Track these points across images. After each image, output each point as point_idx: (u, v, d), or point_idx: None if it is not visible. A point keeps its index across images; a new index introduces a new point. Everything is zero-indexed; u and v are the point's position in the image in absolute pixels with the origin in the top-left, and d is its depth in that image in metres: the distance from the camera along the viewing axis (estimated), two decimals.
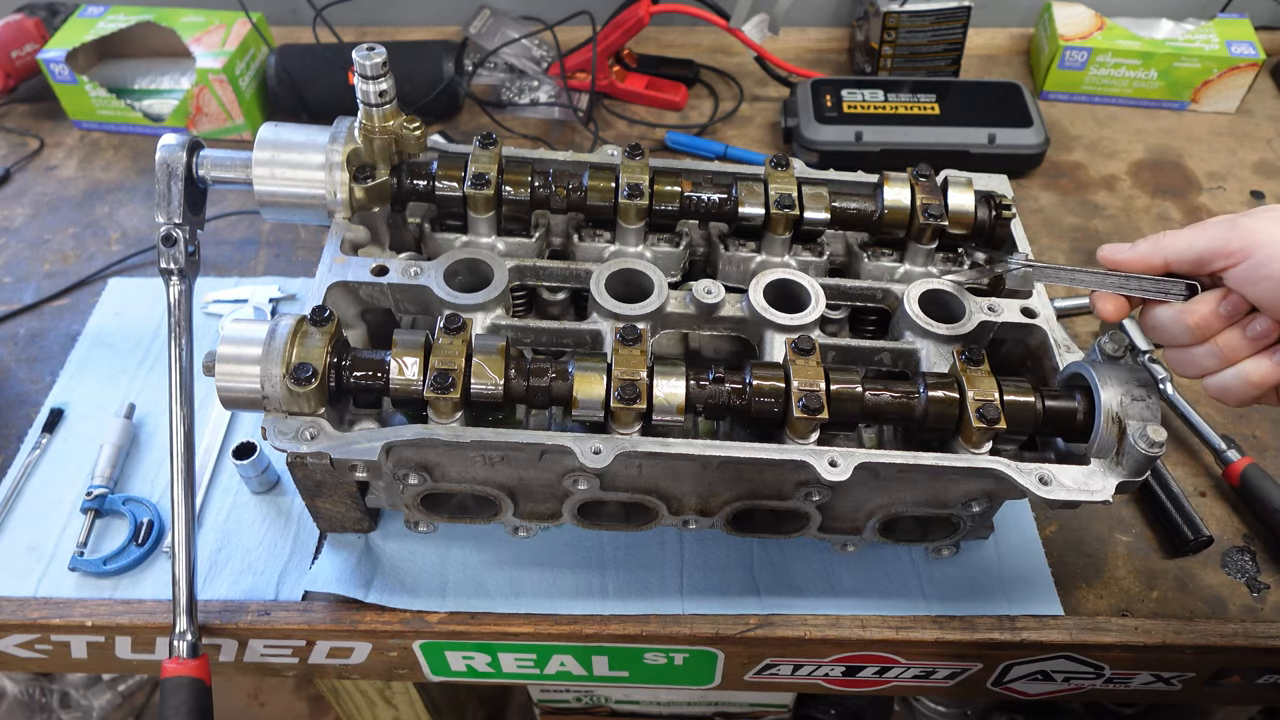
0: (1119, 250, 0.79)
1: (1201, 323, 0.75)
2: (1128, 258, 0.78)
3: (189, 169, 0.95)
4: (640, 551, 0.98)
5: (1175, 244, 0.76)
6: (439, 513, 0.92)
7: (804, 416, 0.80)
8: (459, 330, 0.83)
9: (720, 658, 0.99)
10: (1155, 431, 0.78)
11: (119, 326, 1.21)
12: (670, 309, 0.91)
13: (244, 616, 0.93)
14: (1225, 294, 0.75)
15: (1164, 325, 0.78)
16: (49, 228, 1.35)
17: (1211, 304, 0.75)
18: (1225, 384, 0.77)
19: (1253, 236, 0.71)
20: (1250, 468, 1.02)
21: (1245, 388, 0.75)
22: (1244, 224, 0.72)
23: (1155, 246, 0.77)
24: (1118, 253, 0.79)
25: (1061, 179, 1.43)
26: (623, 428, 0.82)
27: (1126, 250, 0.78)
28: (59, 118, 1.51)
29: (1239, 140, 1.49)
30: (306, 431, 0.80)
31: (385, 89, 0.91)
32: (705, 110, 1.54)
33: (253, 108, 1.46)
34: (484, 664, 1.01)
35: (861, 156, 1.38)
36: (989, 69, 1.63)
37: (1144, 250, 0.77)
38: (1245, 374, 0.75)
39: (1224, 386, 0.77)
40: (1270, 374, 0.74)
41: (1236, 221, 0.73)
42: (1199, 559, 1.00)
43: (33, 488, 1.04)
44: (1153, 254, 0.77)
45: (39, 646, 0.98)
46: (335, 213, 0.94)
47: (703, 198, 0.98)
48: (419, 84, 1.44)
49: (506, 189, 0.96)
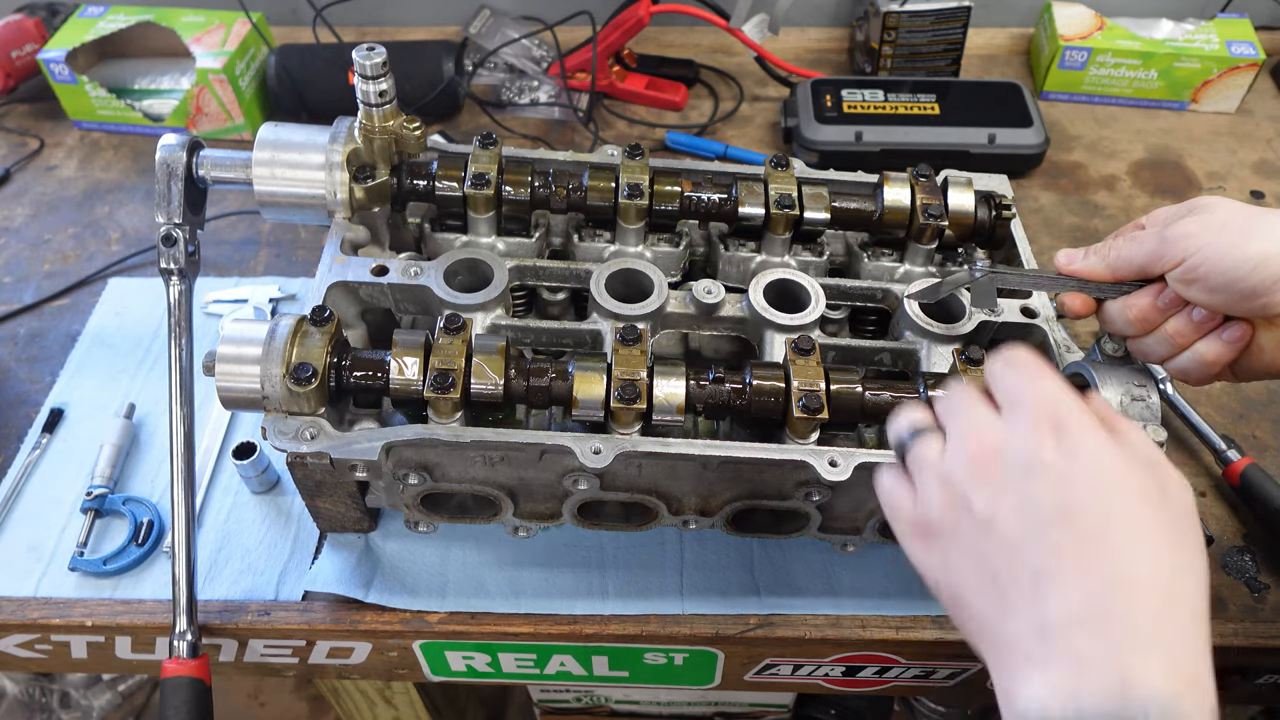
0: (1074, 259, 0.84)
1: (1141, 315, 0.80)
2: (1080, 267, 0.83)
3: (189, 169, 0.95)
4: (640, 551, 0.98)
5: (1118, 256, 0.81)
6: (439, 513, 0.92)
7: (804, 416, 0.80)
8: (459, 330, 0.83)
9: (720, 658, 0.99)
10: (1155, 431, 0.78)
11: (119, 326, 1.21)
12: (670, 309, 0.91)
13: (244, 616, 0.93)
14: (1160, 289, 0.79)
15: (1111, 319, 0.83)
16: (49, 228, 1.35)
17: (1148, 298, 0.80)
18: (1184, 366, 0.81)
19: (1181, 245, 0.76)
20: (1250, 468, 1.02)
21: (1203, 367, 0.80)
22: (1172, 234, 0.77)
23: (1101, 258, 0.82)
24: (1072, 261, 0.84)
25: (1061, 179, 1.43)
26: (623, 428, 0.82)
27: (1080, 259, 0.83)
28: (59, 118, 1.51)
29: (1239, 140, 1.49)
30: (306, 431, 0.80)
31: (385, 89, 0.91)
32: (705, 110, 1.55)
33: (253, 108, 1.46)
34: (484, 664, 1.01)
35: (861, 156, 1.38)
36: (989, 69, 1.63)
37: (1093, 261, 0.83)
38: (1199, 355, 0.80)
39: (1183, 369, 0.81)
40: (1223, 353, 0.79)
41: (1165, 234, 0.77)
42: None
43: (33, 488, 1.04)
44: (1099, 264, 0.82)
45: (39, 646, 0.98)
46: (335, 213, 0.94)
47: (703, 198, 0.98)
48: (419, 84, 1.44)
49: (506, 189, 0.96)
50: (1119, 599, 0.50)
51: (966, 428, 0.60)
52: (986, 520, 0.56)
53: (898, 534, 0.64)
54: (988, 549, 0.55)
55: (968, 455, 0.58)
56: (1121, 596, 0.50)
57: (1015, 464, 0.56)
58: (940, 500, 0.59)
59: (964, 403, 0.62)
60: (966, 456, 0.58)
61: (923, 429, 0.64)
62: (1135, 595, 0.51)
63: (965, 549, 0.57)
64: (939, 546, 0.59)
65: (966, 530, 0.57)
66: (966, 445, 0.59)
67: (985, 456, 0.58)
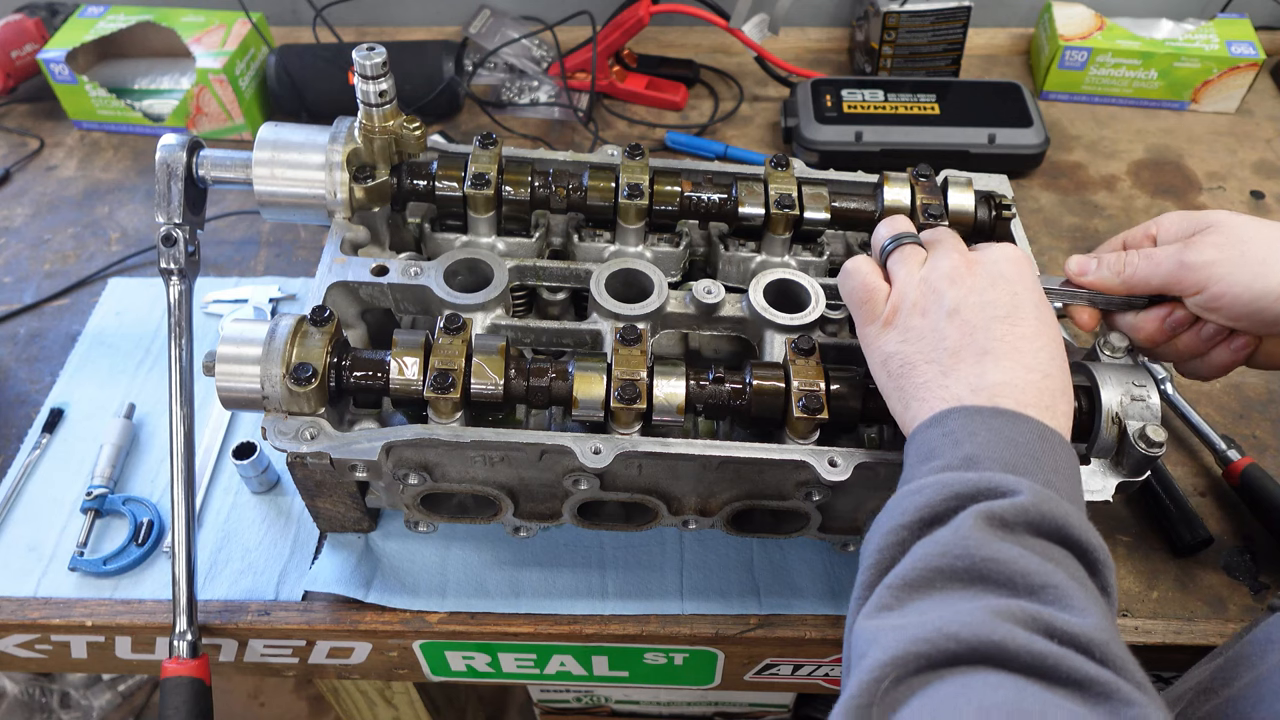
0: (1086, 269, 0.85)
1: (1151, 336, 0.84)
2: (1093, 279, 0.84)
3: (189, 169, 0.95)
4: (640, 551, 0.98)
5: (1133, 274, 0.82)
6: (439, 513, 0.92)
7: (804, 416, 0.80)
8: (459, 330, 0.83)
9: (720, 658, 0.99)
10: (1155, 431, 0.78)
11: (119, 326, 1.21)
12: (670, 309, 0.91)
13: (244, 616, 0.94)
14: (1170, 311, 0.82)
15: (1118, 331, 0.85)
16: (49, 228, 1.35)
17: (1157, 321, 0.83)
18: (1193, 370, 0.86)
19: (1203, 273, 0.78)
20: (1250, 468, 1.02)
21: (1214, 371, 0.85)
22: (1191, 261, 0.78)
23: (1115, 274, 0.83)
24: (1085, 271, 0.85)
25: (1061, 179, 1.43)
26: (623, 428, 0.82)
27: (1092, 270, 0.84)
28: (59, 118, 1.51)
29: (1239, 140, 1.49)
30: (306, 431, 0.80)
31: (385, 89, 0.91)
32: (705, 110, 1.55)
33: (253, 108, 1.46)
34: (484, 664, 1.01)
35: (861, 156, 1.38)
36: (989, 69, 1.63)
37: (1105, 275, 0.83)
38: (1210, 363, 0.84)
39: (1193, 371, 0.86)
40: (1232, 359, 0.83)
41: (1184, 259, 0.79)
42: (1199, 559, 1.00)
43: (33, 488, 1.04)
44: (1114, 280, 0.83)
45: (39, 646, 0.98)
46: (335, 213, 0.94)
47: (703, 198, 0.98)
48: (419, 84, 1.44)
49: (506, 189, 0.96)
50: (1034, 379, 0.68)
51: (950, 249, 0.76)
52: (953, 309, 0.71)
53: (862, 315, 0.77)
54: (948, 330, 0.70)
55: (949, 265, 0.73)
56: (1035, 378, 0.68)
57: (983, 274, 0.72)
58: (916, 293, 0.73)
59: (948, 235, 0.79)
60: (948, 265, 0.73)
61: (905, 238, 0.79)
62: (1046, 381, 0.68)
63: (929, 328, 0.71)
64: (901, 326, 0.73)
65: (934, 314, 0.71)
66: (949, 258, 0.74)
67: (960, 269, 0.73)
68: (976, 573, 0.56)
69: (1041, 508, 0.59)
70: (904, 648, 0.52)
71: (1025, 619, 0.53)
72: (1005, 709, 0.48)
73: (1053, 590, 0.55)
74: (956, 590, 0.56)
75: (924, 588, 0.57)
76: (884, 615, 0.57)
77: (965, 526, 0.58)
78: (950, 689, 0.51)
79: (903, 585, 0.58)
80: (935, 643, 0.52)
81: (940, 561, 0.57)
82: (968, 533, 0.58)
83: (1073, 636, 0.52)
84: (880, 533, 0.63)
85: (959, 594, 0.56)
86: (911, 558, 0.59)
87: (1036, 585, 0.55)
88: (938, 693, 0.51)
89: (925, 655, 0.52)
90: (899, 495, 0.65)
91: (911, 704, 0.51)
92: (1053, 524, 0.59)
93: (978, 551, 0.57)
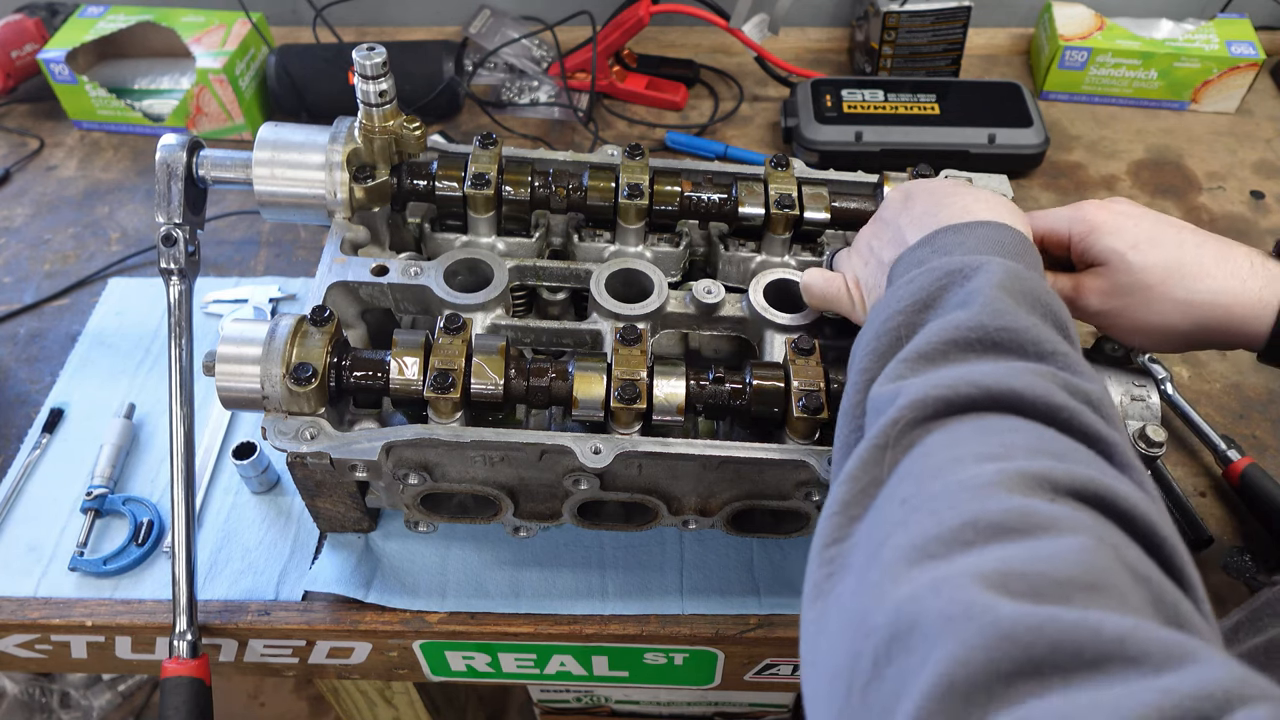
0: None
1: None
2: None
3: (189, 169, 0.95)
4: (640, 551, 0.98)
5: None
6: (439, 513, 0.92)
7: (804, 416, 0.80)
8: (459, 330, 0.83)
9: (720, 658, 0.99)
10: (1155, 431, 0.78)
11: (119, 326, 1.21)
12: (670, 309, 0.91)
13: (244, 616, 0.94)
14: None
15: None
16: (49, 228, 1.35)
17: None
18: None
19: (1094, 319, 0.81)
20: (1250, 468, 1.02)
21: None
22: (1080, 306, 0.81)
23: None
24: None
25: (1061, 179, 1.43)
26: (623, 428, 0.82)
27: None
28: (59, 118, 1.51)
29: (1239, 140, 1.49)
30: (306, 431, 0.80)
31: (385, 89, 0.91)
32: (705, 110, 1.55)
33: (253, 108, 1.46)
34: (484, 664, 1.01)
35: (861, 156, 1.38)
36: (989, 69, 1.63)
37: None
38: None
39: None
40: None
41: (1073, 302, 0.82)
42: (1199, 559, 1.00)
43: (33, 488, 1.04)
44: None
45: (39, 646, 0.98)
46: (335, 213, 0.94)
47: (703, 198, 0.98)
48: (419, 84, 1.44)
49: (506, 189, 0.96)
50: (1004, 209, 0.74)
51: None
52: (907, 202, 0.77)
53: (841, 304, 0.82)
54: (911, 209, 0.76)
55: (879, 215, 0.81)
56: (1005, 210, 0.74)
57: (920, 189, 0.78)
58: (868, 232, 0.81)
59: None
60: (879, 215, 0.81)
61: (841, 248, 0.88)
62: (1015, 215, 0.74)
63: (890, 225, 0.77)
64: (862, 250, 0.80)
65: (890, 219, 0.78)
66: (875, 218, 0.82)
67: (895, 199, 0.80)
68: (991, 341, 0.58)
69: (1032, 283, 0.62)
70: (924, 392, 0.54)
71: (1045, 374, 0.55)
72: (1027, 445, 0.50)
73: (1063, 357, 0.58)
74: (973, 357, 0.58)
75: (938, 359, 0.58)
76: (900, 382, 0.58)
77: (979, 298, 0.60)
78: (969, 428, 0.53)
79: (918, 357, 0.59)
80: (956, 388, 0.54)
81: (955, 334, 0.59)
82: (981, 304, 0.59)
83: (1086, 394, 0.55)
84: (872, 326, 0.65)
85: (976, 359, 0.58)
86: (925, 333, 0.60)
87: (1047, 351, 0.58)
88: (957, 429, 0.53)
89: (945, 400, 0.54)
90: (890, 290, 0.67)
91: (928, 441, 0.53)
92: (1043, 300, 0.62)
93: (991, 322, 0.58)
